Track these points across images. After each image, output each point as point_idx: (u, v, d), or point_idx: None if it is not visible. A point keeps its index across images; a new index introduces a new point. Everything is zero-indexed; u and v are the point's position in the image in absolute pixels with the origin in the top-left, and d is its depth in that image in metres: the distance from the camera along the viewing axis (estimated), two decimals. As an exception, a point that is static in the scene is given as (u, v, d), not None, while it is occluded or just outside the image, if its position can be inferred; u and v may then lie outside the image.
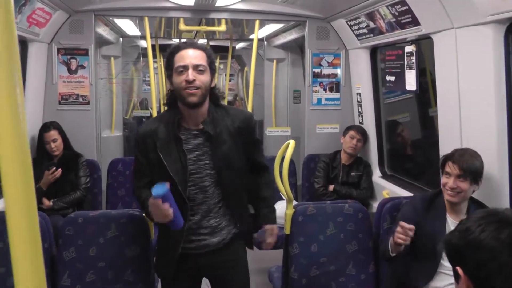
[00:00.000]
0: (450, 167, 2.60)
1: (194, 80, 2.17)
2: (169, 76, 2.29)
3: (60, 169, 3.85)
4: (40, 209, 3.39)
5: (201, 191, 2.30)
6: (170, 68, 2.26)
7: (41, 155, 3.99)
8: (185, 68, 2.19)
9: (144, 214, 2.63)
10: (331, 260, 2.92)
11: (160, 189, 2.04)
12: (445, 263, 2.59)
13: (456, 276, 1.35)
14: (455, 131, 3.03)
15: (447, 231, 2.52)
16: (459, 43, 2.91)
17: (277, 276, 3.22)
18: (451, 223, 2.59)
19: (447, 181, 2.60)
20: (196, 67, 2.20)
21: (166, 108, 2.48)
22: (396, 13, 3.39)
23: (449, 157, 2.64)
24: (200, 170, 2.29)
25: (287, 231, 2.91)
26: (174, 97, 2.30)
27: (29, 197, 0.74)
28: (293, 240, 2.90)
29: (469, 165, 2.55)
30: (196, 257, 2.35)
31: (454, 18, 2.86)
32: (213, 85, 2.31)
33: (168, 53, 2.28)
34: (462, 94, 2.96)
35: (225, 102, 4.74)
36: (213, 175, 2.30)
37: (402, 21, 3.39)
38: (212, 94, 2.33)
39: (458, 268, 1.33)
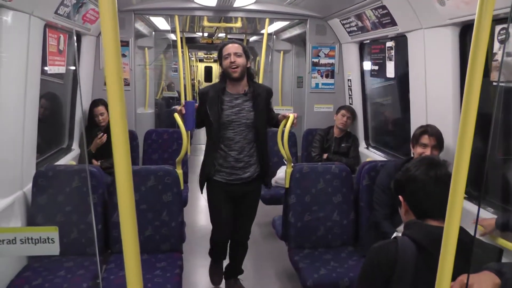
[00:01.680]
0: (428, 139, 2.89)
1: (234, 61, 3.00)
2: (220, 63, 3.12)
3: (105, 134, 4.13)
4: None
5: (237, 133, 3.06)
6: (220, 57, 3.10)
7: (90, 126, 4.30)
8: (229, 55, 3.01)
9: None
10: (320, 208, 3.23)
11: (189, 101, 3.01)
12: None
13: (399, 203, 1.70)
14: (422, 111, 3.32)
15: None
16: (426, 41, 3.18)
17: (278, 223, 3.57)
18: None
19: (424, 151, 2.90)
20: (235, 54, 3.01)
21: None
22: (379, 15, 3.65)
23: (424, 132, 2.94)
24: (239, 119, 3.05)
25: (287, 185, 3.24)
26: (224, 75, 3.10)
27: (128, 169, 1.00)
28: (291, 192, 3.22)
29: (438, 137, 2.90)
30: (232, 186, 3.12)
31: (422, 21, 3.13)
32: (248, 65, 3.10)
33: (219, 49, 3.12)
34: (428, 82, 3.23)
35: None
36: (247, 124, 3.06)
37: (383, 22, 3.65)
38: (248, 72, 3.11)
39: (400, 196, 1.69)
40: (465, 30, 2.87)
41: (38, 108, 3.18)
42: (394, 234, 2.09)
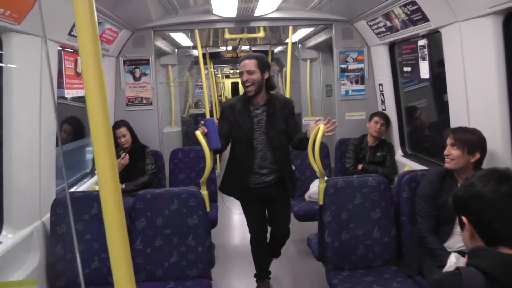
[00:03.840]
0: (448, 138, 2.71)
1: (247, 80, 3.13)
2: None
3: (127, 154, 3.97)
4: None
5: (259, 142, 3.21)
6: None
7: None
8: (242, 73, 3.16)
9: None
10: (358, 226, 2.96)
11: (208, 119, 3.00)
12: (458, 227, 2.64)
13: (461, 224, 1.41)
14: (463, 113, 3.03)
15: None
16: (463, 35, 2.90)
17: (314, 242, 3.30)
18: None
19: (446, 150, 2.71)
20: (248, 72, 3.13)
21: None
22: (408, 12, 3.41)
23: (448, 132, 2.77)
24: (260, 129, 3.20)
25: (321, 202, 2.98)
26: None
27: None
28: (326, 209, 2.97)
29: (461, 137, 2.66)
30: (258, 189, 3.26)
31: (457, 13, 2.87)
32: (266, 77, 3.18)
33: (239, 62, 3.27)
34: (468, 81, 2.95)
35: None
36: (265, 132, 3.18)
37: (414, 19, 3.41)
38: (268, 83, 3.21)
39: (463, 217, 1.40)
40: (509, 19, 2.58)
41: (61, 134, 3.08)
42: (454, 260, 1.82)
